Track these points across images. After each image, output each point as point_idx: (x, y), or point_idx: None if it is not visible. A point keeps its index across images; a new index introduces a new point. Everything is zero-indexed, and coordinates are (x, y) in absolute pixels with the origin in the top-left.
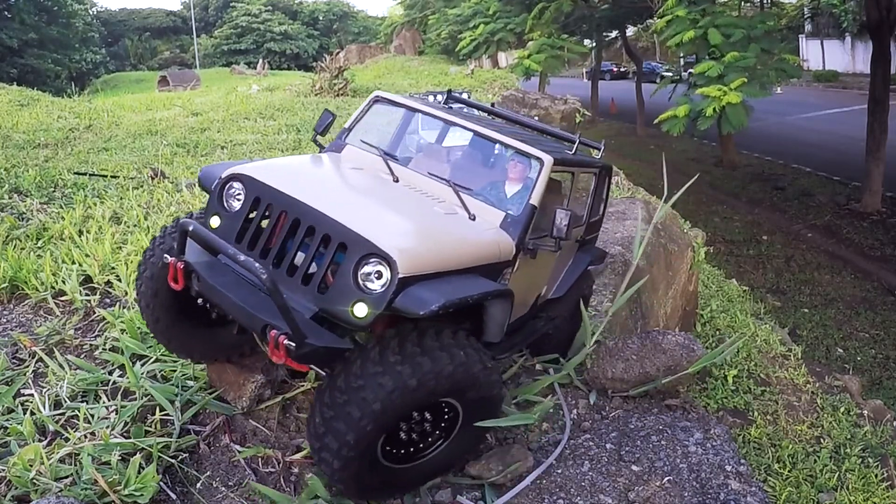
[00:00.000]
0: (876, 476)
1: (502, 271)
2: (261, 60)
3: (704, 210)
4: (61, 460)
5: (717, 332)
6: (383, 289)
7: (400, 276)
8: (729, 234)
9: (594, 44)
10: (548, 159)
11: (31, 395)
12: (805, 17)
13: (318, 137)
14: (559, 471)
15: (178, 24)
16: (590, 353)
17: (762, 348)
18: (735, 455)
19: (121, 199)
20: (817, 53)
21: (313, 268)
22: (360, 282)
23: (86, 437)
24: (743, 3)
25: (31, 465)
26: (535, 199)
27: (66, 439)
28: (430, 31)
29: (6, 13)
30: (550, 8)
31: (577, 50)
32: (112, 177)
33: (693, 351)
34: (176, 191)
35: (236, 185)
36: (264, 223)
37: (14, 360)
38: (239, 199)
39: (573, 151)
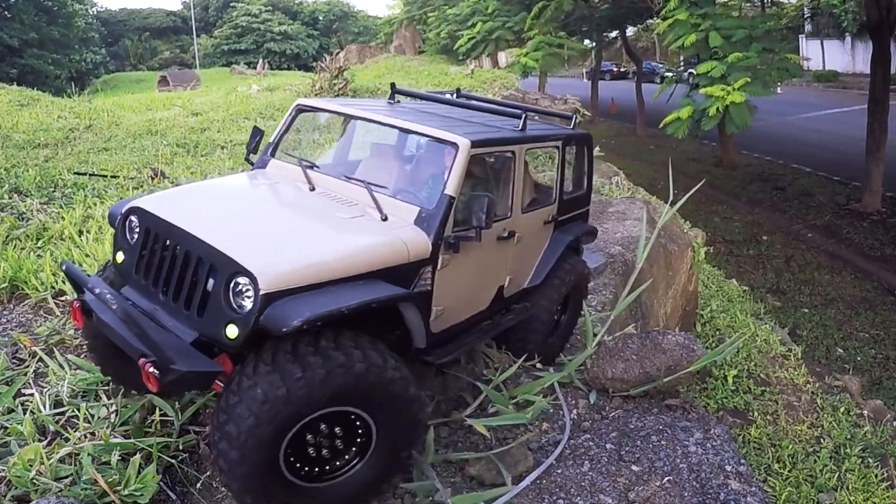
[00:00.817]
0: (876, 476)
1: (419, 272)
2: (261, 60)
3: (704, 210)
4: (61, 460)
5: (717, 332)
6: (250, 307)
7: (263, 292)
8: (729, 234)
9: (594, 44)
10: (463, 143)
11: (32, 395)
12: (805, 17)
13: (252, 156)
14: (559, 471)
15: (178, 24)
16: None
17: (762, 348)
18: (735, 455)
19: (121, 199)
20: (817, 53)
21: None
22: (232, 302)
23: (86, 437)
24: (743, 3)
25: (31, 465)
26: (451, 189)
27: (66, 439)
28: (429, 30)
29: (6, 13)
30: (550, 7)
31: (575, 48)
32: (112, 177)
33: (693, 351)
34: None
35: (133, 218)
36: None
37: (14, 360)
38: (136, 233)
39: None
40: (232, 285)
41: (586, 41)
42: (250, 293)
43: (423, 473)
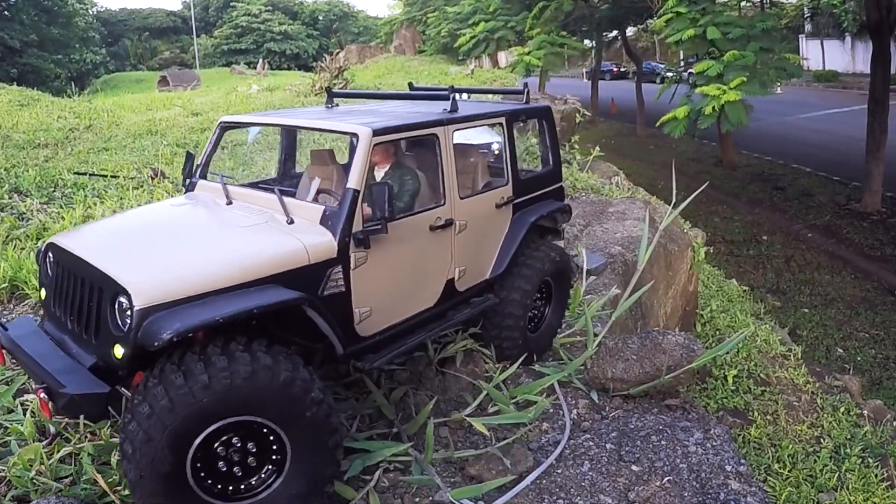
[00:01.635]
0: (876, 476)
1: (326, 273)
2: (261, 60)
3: (704, 210)
4: (61, 460)
5: (717, 332)
6: (130, 324)
7: (137, 308)
8: (729, 234)
9: (594, 44)
10: (363, 132)
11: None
12: (805, 17)
13: (188, 181)
14: (559, 471)
15: (178, 24)
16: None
17: (762, 348)
18: (735, 455)
19: (121, 199)
20: (817, 53)
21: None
22: (118, 321)
23: (86, 437)
24: (743, 3)
25: (31, 465)
26: (353, 182)
27: (67, 439)
28: (429, 29)
29: (6, 13)
30: (550, 6)
31: (576, 47)
32: (112, 177)
33: (693, 351)
34: (176, 191)
35: (50, 254)
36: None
37: (14, 360)
38: (52, 267)
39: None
40: (116, 305)
41: (586, 41)
42: (129, 311)
43: (423, 471)
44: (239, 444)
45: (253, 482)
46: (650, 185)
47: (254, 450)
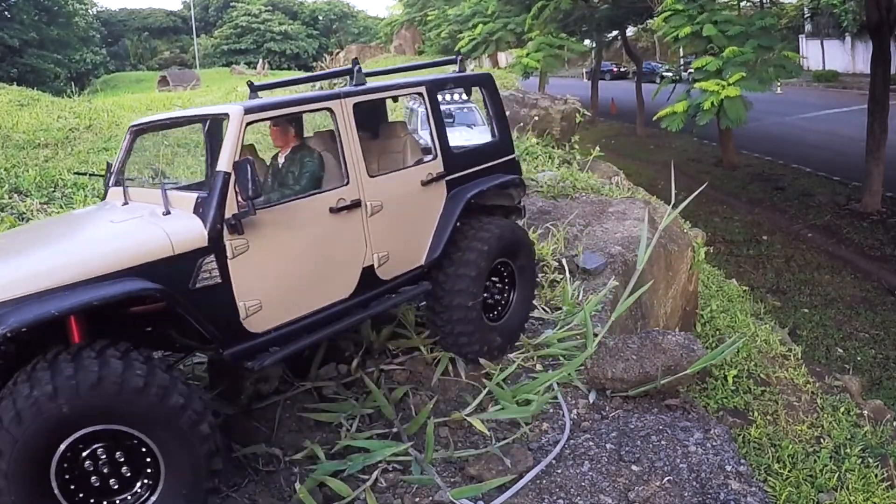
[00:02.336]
0: (876, 476)
1: (196, 263)
2: (261, 60)
3: (704, 210)
4: None
5: (717, 332)
6: None
7: None
8: (729, 234)
9: (594, 44)
10: (235, 111)
11: None
12: (805, 17)
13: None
14: (559, 471)
15: (178, 24)
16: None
17: (762, 348)
18: (735, 455)
19: None
20: (817, 53)
21: None
22: None
23: None
24: (743, 2)
25: None
26: (223, 164)
27: None
28: (430, 31)
29: (6, 13)
30: (549, 6)
31: (576, 49)
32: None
33: (693, 351)
34: None
35: None
36: None
37: None
38: None
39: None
40: None
41: (586, 41)
42: None
43: (423, 471)
44: (106, 457)
45: (129, 497)
46: (650, 185)
47: (124, 462)
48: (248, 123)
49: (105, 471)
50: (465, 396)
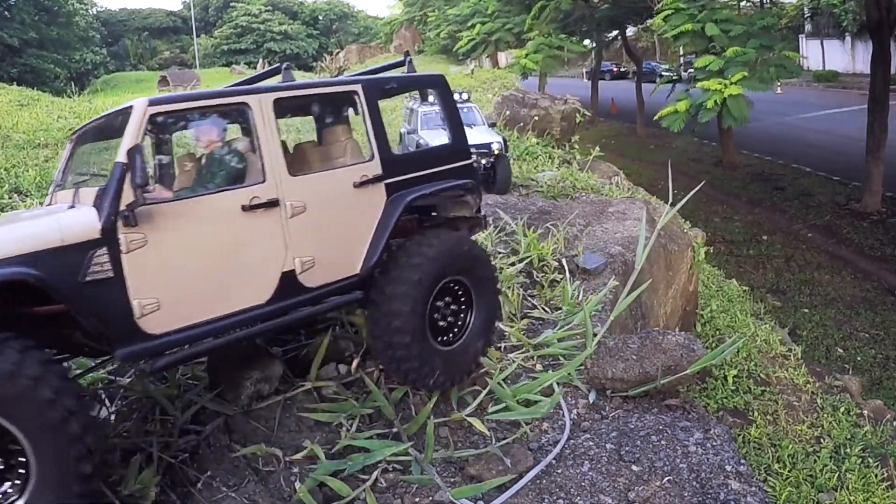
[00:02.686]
0: (876, 476)
1: (87, 255)
2: (261, 60)
3: (704, 210)
4: None
5: (717, 332)
6: None
7: None
8: (729, 234)
9: (594, 44)
10: (139, 103)
11: None
12: (805, 16)
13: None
14: (559, 471)
15: (178, 24)
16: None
17: (762, 348)
18: (735, 455)
19: None
20: (817, 53)
21: None
22: None
23: None
24: (743, 2)
25: None
26: (121, 156)
27: None
28: (429, 30)
29: (6, 13)
30: (550, 6)
31: (575, 49)
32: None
33: (693, 351)
34: None
35: None
36: None
37: None
38: None
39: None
40: None
41: (586, 41)
42: None
43: (423, 471)
44: None
45: None
46: (650, 185)
47: None
48: (153, 115)
49: None
50: (466, 396)
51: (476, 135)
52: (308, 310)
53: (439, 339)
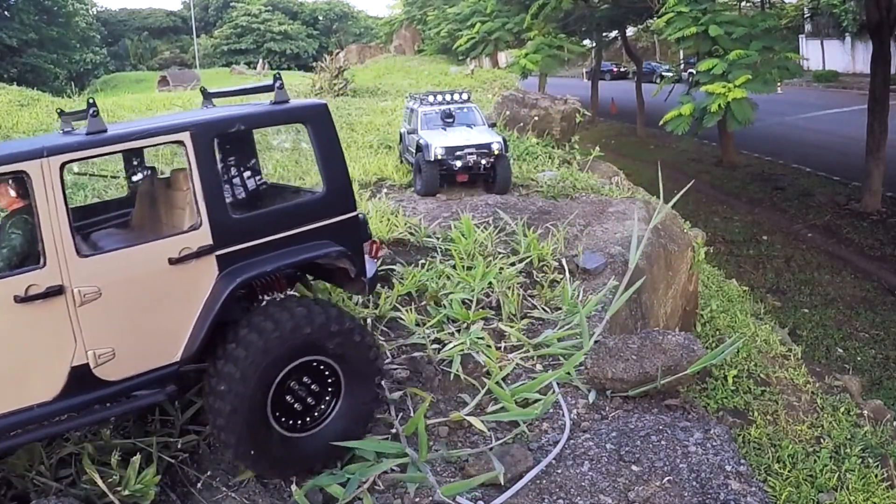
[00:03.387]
0: (876, 476)
1: None
2: (261, 60)
3: (704, 210)
4: (61, 460)
5: (717, 332)
6: None
7: None
8: (729, 234)
9: (594, 44)
10: None
11: None
12: (805, 17)
13: None
14: (559, 471)
15: (178, 24)
16: (588, 353)
17: (762, 348)
18: (735, 455)
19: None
20: (817, 53)
21: None
22: None
23: (86, 436)
24: (743, 2)
25: (31, 466)
26: None
27: (67, 439)
28: (429, 29)
29: (6, 13)
30: (549, 5)
31: (575, 49)
32: (112, 177)
33: (693, 351)
34: None
35: None
36: None
37: None
38: None
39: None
40: None
41: (586, 41)
42: None
43: (419, 469)
44: None
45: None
46: (650, 185)
47: None
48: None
49: None
50: (465, 397)
51: (476, 135)
52: (108, 411)
53: (288, 422)
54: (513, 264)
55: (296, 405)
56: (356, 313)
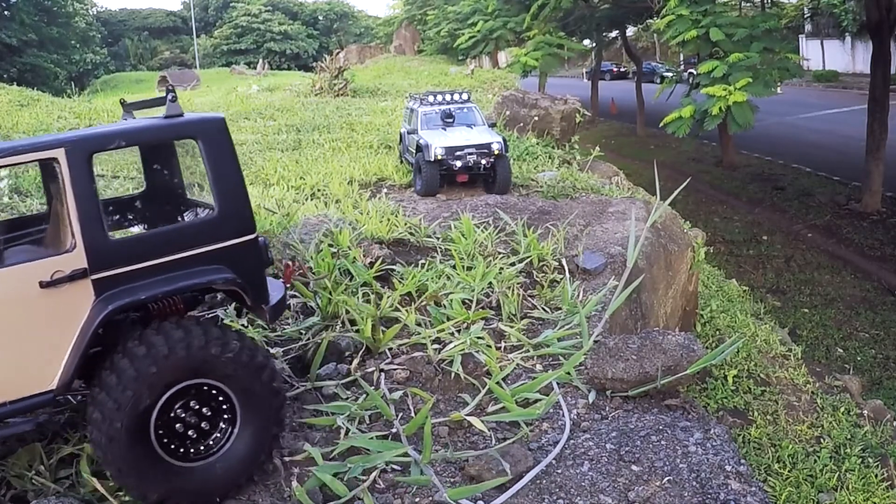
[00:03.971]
0: (876, 476)
1: None
2: (261, 60)
3: (704, 210)
4: (61, 461)
5: (717, 332)
6: None
7: None
8: (729, 234)
9: (594, 44)
10: None
11: None
12: (805, 17)
13: None
14: (559, 471)
15: (178, 24)
16: (588, 353)
17: (762, 348)
18: (735, 455)
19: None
20: (817, 53)
21: None
22: None
23: (86, 437)
24: (743, 3)
25: (30, 466)
26: None
27: (67, 440)
28: (429, 29)
29: (6, 13)
30: (549, 4)
31: (575, 48)
32: (112, 177)
33: (693, 351)
34: None
35: None
36: None
37: None
38: None
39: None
40: None
41: (586, 41)
42: None
43: (422, 471)
44: None
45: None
46: (650, 186)
47: None
48: None
49: None
50: (465, 397)
51: (476, 135)
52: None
53: (179, 450)
54: (513, 264)
55: (189, 432)
56: (359, 312)
